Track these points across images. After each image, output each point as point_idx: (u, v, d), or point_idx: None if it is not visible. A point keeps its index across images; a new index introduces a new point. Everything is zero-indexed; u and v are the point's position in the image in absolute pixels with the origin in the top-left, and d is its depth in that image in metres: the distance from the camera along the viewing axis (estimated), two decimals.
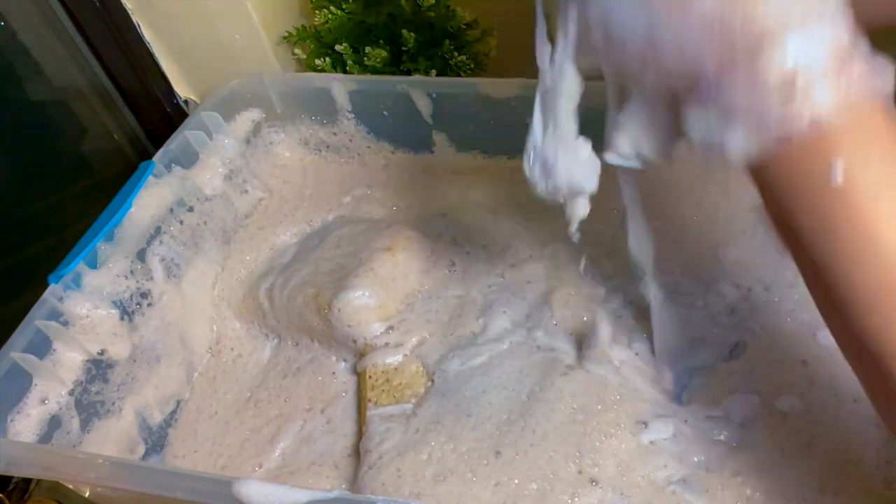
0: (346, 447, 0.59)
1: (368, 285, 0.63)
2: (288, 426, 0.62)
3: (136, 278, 0.63)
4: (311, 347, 0.67)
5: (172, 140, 0.70)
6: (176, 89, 0.88)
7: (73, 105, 0.86)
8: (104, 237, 0.61)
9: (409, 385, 0.58)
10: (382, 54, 0.78)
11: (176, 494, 0.45)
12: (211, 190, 0.72)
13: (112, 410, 0.60)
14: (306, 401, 0.63)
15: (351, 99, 0.76)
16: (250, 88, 0.77)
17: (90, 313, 0.58)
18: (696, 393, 0.55)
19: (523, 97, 0.71)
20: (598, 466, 0.49)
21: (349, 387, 0.64)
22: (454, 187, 0.77)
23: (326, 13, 0.78)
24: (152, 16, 0.82)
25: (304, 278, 0.67)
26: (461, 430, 0.53)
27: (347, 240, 0.70)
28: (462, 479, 0.50)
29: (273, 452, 0.60)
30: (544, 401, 0.54)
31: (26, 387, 0.54)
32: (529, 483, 0.49)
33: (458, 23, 0.79)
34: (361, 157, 0.81)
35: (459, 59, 0.79)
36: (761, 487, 0.48)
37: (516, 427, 0.53)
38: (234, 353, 0.69)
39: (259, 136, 0.79)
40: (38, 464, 0.48)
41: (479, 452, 0.52)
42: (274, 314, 0.68)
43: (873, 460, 0.48)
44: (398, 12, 0.78)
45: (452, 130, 0.77)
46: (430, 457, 0.52)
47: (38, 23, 0.79)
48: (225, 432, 0.63)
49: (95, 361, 0.58)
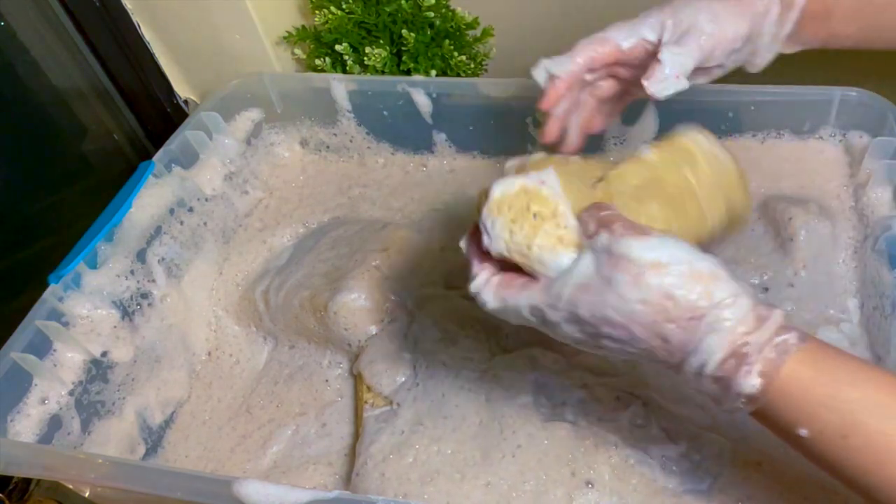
0: (344, 447, 0.60)
1: (364, 287, 0.63)
2: (280, 431, 0.62)
3: (136, 278, 0.63)
4: (306, 350, 0.67)
5: (172, 140, 0.70)
6: (176, 89, 0.88)
7: (73, 105, 0.86)
8: (104, 237, 0.61)
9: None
10: (382, 54, 0.78)
11: (176, 494, 0.45)
12: (211, 190, 0.72)
13: (112, 411, 0.60)
14: (298, 406, 0.64)
15: (351, 99, 0.76)
16: (250, 88, 0.77)
17: (90, 313, 0.58)
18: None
19: (523, 97, 0.71)
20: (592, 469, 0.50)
21: (344, 392, 0.64)
22: (452, 186, 0.77)
23: (326, 13, 0.78)
24: (152, 16, 0.82)
25: (300, 280, 0.67)
26: (442, 432, 0.54)
27: (343, 241, 0.70)
28: (450, 480, 0.50)
29: (264, 457, 0.61)
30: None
31: (26, 387, 0.54)
32: (523, 483, 0.49)
33: (458, 23, 0.79)
34: (361, 157, 0.81)
35: (459, 59, 0.79)
36: (762, 484, 0.48)
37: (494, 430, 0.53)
38: (232, 360, 0.69)
39: (259, 136, 0.79)
40: (38, 464, 0.48)
41: (465, 454, 0.52)
42: (270, 317, 0.68)
43: None
44: (398, 12, 0.78)
45: (452, 130, 0.77)
46: (416, 459, 0.52)
47: (38, 23, 0.79)
48: (217, 437, 0.63)
49: (95, 361, 0.58)
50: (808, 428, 0.35)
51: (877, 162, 0.61)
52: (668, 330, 0.35)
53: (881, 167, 0.61)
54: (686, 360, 0.36)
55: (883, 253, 0.56)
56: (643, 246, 0.36)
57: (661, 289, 0.35)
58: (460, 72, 0.80)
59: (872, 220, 0.61)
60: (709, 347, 0.35)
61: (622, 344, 0.37)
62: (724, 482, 0.49)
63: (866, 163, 0.62)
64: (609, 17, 0.80)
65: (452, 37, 0.79)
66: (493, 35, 0.81)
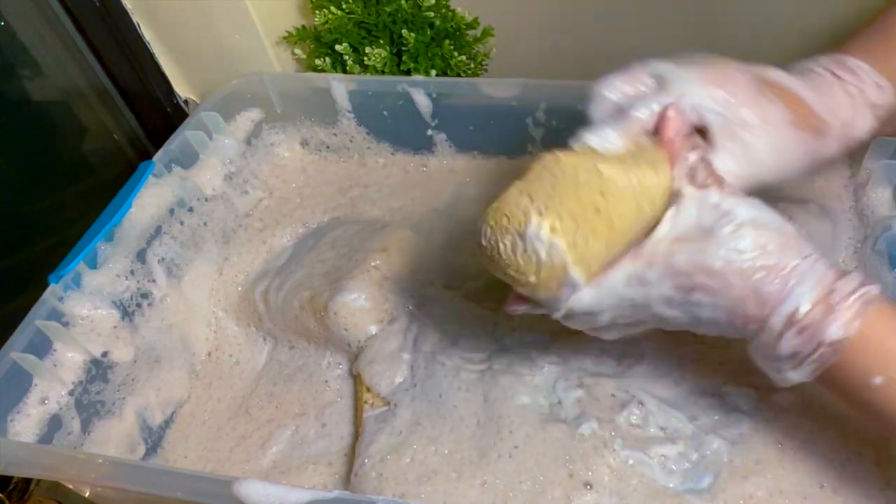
0: (343, 447, 0.60)
1: (364, 287, 0.63)
2: (280, 431, 0.62)
3: (136, 279, 0.63)
4: (306, 350, 0.67)
5: (172, 140, 0.70)
6: (176, 89, 0.88)
7: (73, 105, 0.86)
8: (104, 237, 0.61)
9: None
10: (382, 54, 0.78)
11: (176, 494, 0.45)
12: (211, 190, 0.72)
13: (112, 411, 0.60)
14: (298, 407, 0.64)
15: (351, 99, 0.76)
16: (250, 88, 0.77)
17: (90, 314, 0.58)
18: (690, 385, 0.55)
19: (523, 97, 0.71)
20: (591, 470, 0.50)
21: (344, 393, 0.64)
22: (452, 186, 0.77)
23: (326, 13, 0.78)
24: (152, 16, 0.82)
25: (300, 280, 0.67)
26: (440, 432, 0.54)
27: (343, 241, 0.70)
28: (447, 480, 0.50)
29: (264, 457, 0.61)
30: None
31: (26, 387, 0.54)
32: (519, 483, 0.49)
33: (459, 23, 0.79)
34: (361, 158, 0.81)
35: (459, 59, 0.79)
36: (761, 484, 0.48)
37: (491, 430, 0.53)
38: (231, 360, 0.69)
39: (259, 136, 0.79)
40: (38, 464, 0.48)
41: (461, 454, 0.52)
42: (270, 317, 0.68)
43: (873, 459, 0.49)
44: (398, 12, 0.78)
45: (452, 130, 0.77)
46: (413, 459, 0.52)
47: (38, 23, 0.79)
48: (216, 438, 0.63)
49: (95, 361, 0.58)
50: (883, 375, 0.38)
51: (877, 162, 0.61)
52: (762, 279, 0.38)
53: (881, 167, 0.61)
54: (775, 310, 0.38)
55: (883, 253, 0.56)
56: (747, 205, 0.40)
57: (758, 241, 0.39)
58: (460, 72, 0.80)
59: (872, 221, 0.61)
60: (800, 295, 0.38)
61: (714, 296, 0.39)
62: (724, 482, 0.49)
63: (866, 163, 0.62)
64: (609, 17, 0.80)
65: (452, 37, 0.79)
66: (493, 35, 0.81)
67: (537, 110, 0.72)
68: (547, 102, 0.71)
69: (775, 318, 0.39)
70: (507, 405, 0.54)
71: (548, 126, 0.73)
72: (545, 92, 0.70)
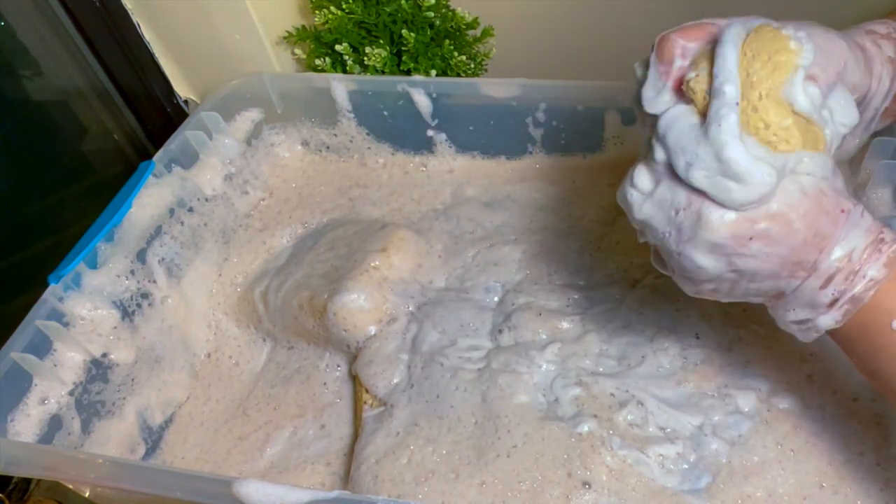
0: (343, 448, 0.60)
1: (363, 287, 0.63)
2: (278, 433, 0.62)
3: (136, 279, 0.63)
4: (305, 351, 0.67)
5: (172, 140, 0.70)
6: (176, 89, 0.88)
7: (73, 105, 0.86)
8: (104, 237, 0.61)
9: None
10: (382, 54, 0.78)
11: (176, 494, 0.45)
12: (211, 190, 0.72)
13: (112, 411, 0.60)
14: (296, 408, 0.64)
15: (351, 99, 0.76)
16: (250, 88, 0.77)
17: (90, 314, 0.58)
18: (691, 384, 0.55)
19: (523, 97, 0.71)
20: (589, 470, 0.50)
21: (343, 393, 0.64)
22: (452, 186, 0.77)
23: (326, 13, 0.78)
24: (152, 16, 0.82)
25: (299, 281, 0.67)
26: (437, 433, 0.54)
27: (342, 241, 0.70)
28: (445, 480, 0.50)
29: (261, 458, 0.61)
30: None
31: (26, 387, 0.54)
32: (518, 483, 0.49)
33: (459, 23, 0.79)
34: (361, 158, 0.81)
35: (459, 59, 0.79)
36: (761, 484, 0.48)
37: (489, 429, 0.53)
38: (231, 361, 0.69)
39: (259, 136, 0.79)
40: (38, 464, 0.48)
41: (459, 454, 0.52)
42: (269, 317, 0.68)
43: (873, 459, 0.49)
44: (398, 12, 0.78)
45: (452, 130, 0.77)
46: (410, 461, 0.52)
47: (38, 23, 0.79)
48: (214, 439, 0.63)
49: (96, 362, 0.58)
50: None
51: (877, 162, 0.61)
52: (822, 221, 0.40)
53: (881, 167, 0.61)
54: (830, 252, 0.40)
55: None
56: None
57: (817, 186, 0.40)
58: (460, 72, 0.80)
59: None
60: (856, 237, 0.40)
61: (774, 245, 0.40)
62: (722, 482, 0.49)
63: (866, 163, 0.62)
64: (609, 17, 0.80)
65: (452, 37, 0.79)
66: (493, 35, 0.81)
67: (537, 110, 0.72)
68: (547, 102, 0.71)
69: (827, 263, 0.40)
70: (505, 404, 0.54)
71: (548, 126, 0.73)
72: (545, 92, 0.70)
